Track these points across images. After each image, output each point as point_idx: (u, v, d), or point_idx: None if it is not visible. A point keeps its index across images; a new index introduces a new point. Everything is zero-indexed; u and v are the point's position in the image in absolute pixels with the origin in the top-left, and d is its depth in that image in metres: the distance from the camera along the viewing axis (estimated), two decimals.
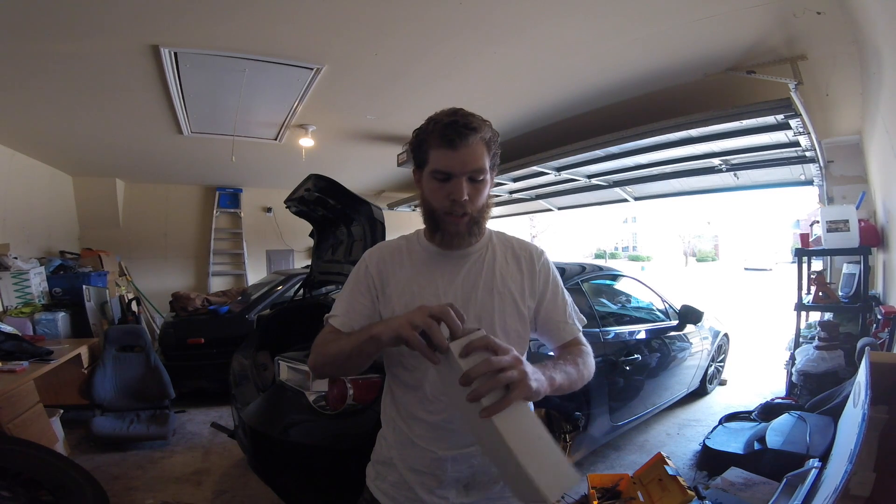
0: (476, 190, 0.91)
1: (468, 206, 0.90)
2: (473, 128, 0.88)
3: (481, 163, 0.89)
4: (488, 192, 0.95)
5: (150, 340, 3.53)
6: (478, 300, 0.95)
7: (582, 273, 2.99)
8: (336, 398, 1.86)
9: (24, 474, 1.91)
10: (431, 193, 0.92)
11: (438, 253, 0.99)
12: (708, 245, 35.61)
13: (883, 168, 2.82)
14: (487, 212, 0.97)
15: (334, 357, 0.90)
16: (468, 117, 0.89)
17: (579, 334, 1.02)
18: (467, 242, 0.96)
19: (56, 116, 3.46)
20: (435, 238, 0.97)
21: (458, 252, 0.98)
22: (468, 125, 0.87)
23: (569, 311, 1.02)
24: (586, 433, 2.51)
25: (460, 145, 0.86)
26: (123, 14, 2.17)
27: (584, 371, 0.93)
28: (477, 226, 0.95)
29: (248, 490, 2.49)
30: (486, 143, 0.90)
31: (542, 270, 1.02)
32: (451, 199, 0.89)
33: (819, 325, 3.27)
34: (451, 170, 0.88)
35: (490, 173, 0.94)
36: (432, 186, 0.91)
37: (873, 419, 1.56)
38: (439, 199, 0.91)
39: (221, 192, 6.48)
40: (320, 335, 0.95)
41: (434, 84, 3.15)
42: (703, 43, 2.60)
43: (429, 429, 0.95)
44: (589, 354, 0.98)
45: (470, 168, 0.88)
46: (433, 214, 0.94)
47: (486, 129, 0.90)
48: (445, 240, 0.95)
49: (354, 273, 1.01)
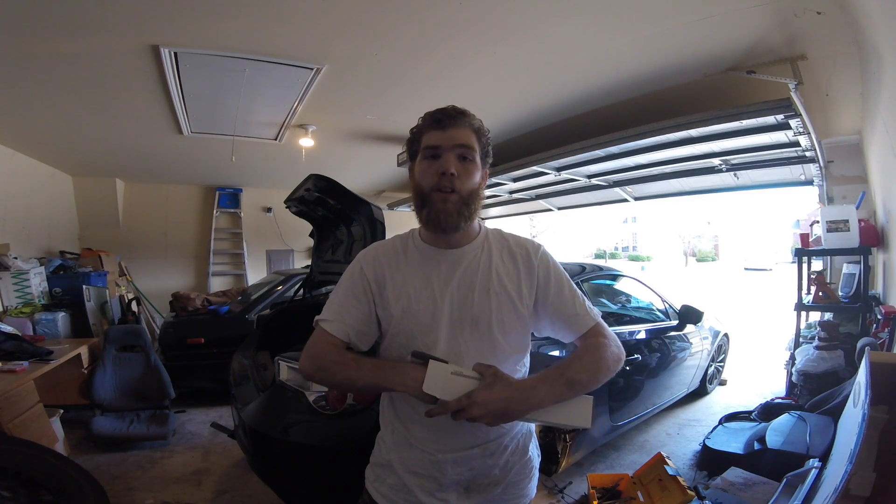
0: (465, 169, 0.93)
1: (456, 182, 0.91)
2: (462, 112, 0.95)
3: (470, 141, 0.94)
4: (479, 180, 0.96)
5: (150, 340, 3.53)
6: (475, 301, 0.95)
7: (582, 273, 2.99)
8: (336, 398, 1.86)
9: (24, 474, 1.90)
10: (421, 175, 0.95)
11: (433, 253, 0.98)
12: (708, 245, 35.61)
13: (883, 168, 2.82)
14: (478, 200, 0.96)
15: (340, 383, 0.95)
16: (458, 107, 0.96)
17: (596, 325, 0.98)
18: (454, 225, 0.92)
19: (56, 116, 3.46)
20: (422, 217, 0.95)
21: (454, 251, 0.97)
22: (457, 110, 0.95)
23: (579, 302, 0.99)
24: (586, 433, 2.51)
25: (448, 125, 0.93)
26: (123, 14, 2.17)
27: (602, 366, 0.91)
28: (466, 208, 0.93)
29: (248, 490, 2.49)
30: (476, 131, 0.95)
31: (541, 265, 1.00)
32: (440, 174, 0.91)
33: (819, 325, 3.27)
34: (440, 144, 0.93)
35: (482, 162, 0.97)
36: (422, 167, 0.95)
37: (873, 419, 1.56)
38: (429, 176, 0.93)
39: (221, 192, 6.48)
40: (317, 342, 0.94)
41: (434, 84, 3.15)
42: (703, 43, 2.60)
43: (427, 431, 0.94)
44: (607, 347, 0.94)
45: (457, 142, 0.92)
46: (422, 193, 0.94)
47: (475, 119, 0.97)
48: (437, 218, 0.92)
49: (348, 275, 1.00)
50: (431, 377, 0.84)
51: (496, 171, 4.78)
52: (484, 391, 0.83)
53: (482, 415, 0.82)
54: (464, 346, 0.93)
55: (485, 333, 0.94)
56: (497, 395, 0.83)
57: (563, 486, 2.52)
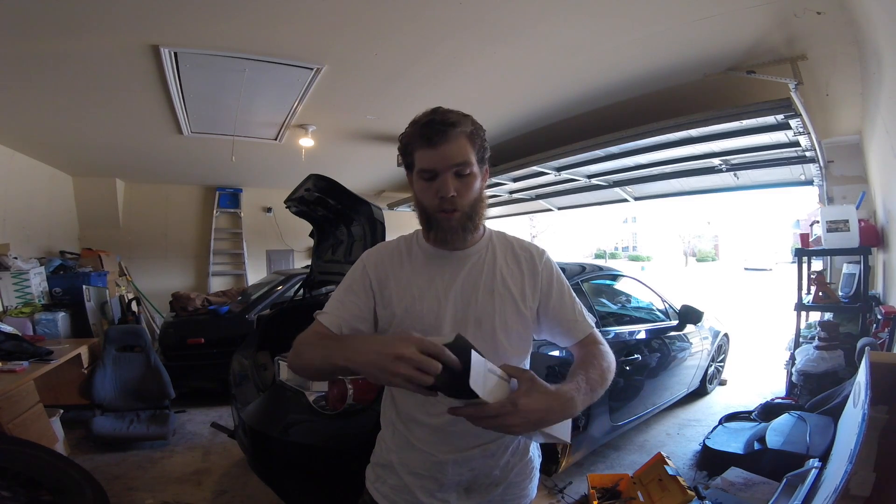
0: (464, 185, 0.91)
1: (457, 202, 0.90)
2: (451, 123, 0.89)
3: (464, 156, 0.90)
4: (480, 186, 0.94)
5: (150, 340, 3.53)
6: (478, 302, 0.94)
7: (582, 273, 2.99)
8: (336, 398, 1.85)
9: (24, 474, 1.91)
10: (421, 193, 0.93)
11: (437, 254, 0.98)
12: (708, 245, 35.62)
13: (883, 168, 2.82)
14: (482, 207, 0.95)
15: (305, 366, 0.88)
16: (446, 114, 0.90)
17: (593, 331, 0.99)
18: (462, 239, 0.95)
19: (56, 116, 3.46)
20: (430, 237, 0.96)
21: (458, 253, 0.97)
22: (445, 121, 0.88)
23: (578, 309, 1.00)
24: (586, 433, 2.51)
25: (440, 142, 0.88)
26: (123, 14, 2.17)
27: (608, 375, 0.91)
28: (470, 221, 0.93)
29: (248, 490, 2.49)
30: (469, 137, 0.91)
31: (545, 270, 1.00)
32: (440, 196, 0.89)
33: (819, 325, 3.27)
34: (435, 167, 0.89)
35: (479, 167, 0.94)
36: (420, 186, 0.93)
37: (873, 419, 1.56)
38: (429, 197, 0.92)
39: (221, 192, 6.48)
40: (305, 332, 0.92)
41: (434, 84, 3.15)
42: (703, 43, 2.60)
43: (429, 432, 0.94)
44: (608, 354, 0.95)
45: (452, 162, 0.89)
46: (426, 214, 0.94)
47: (466, 122, 0.91)
48: (440, 238, 0.94)
49: (351, 273, 1.00)
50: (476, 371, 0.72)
51: (496, 171, 4.78)
52: (526, 398, 0.74)
53: (519, 424, 0.73)
54: None
55: (488, 334, 0.93)
56: (539, 404, 0.75)
57: (563, 486, 2.52)
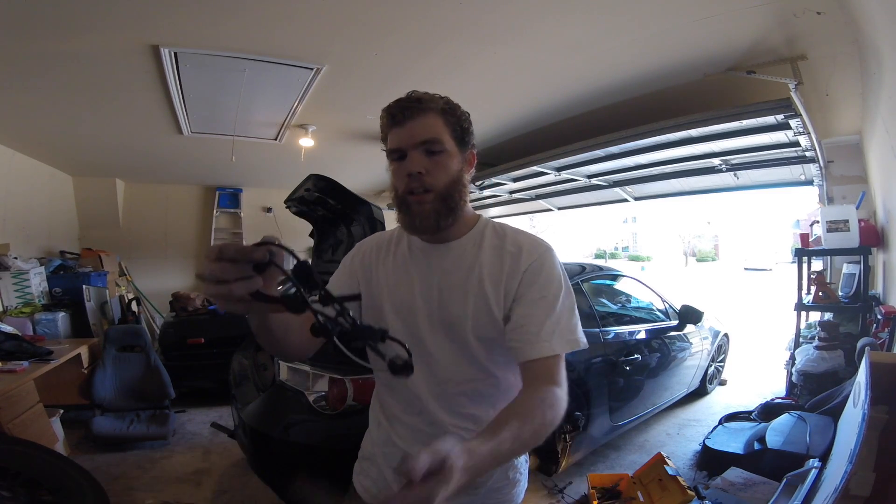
0: (435, 164, 0.85)
1: (426, 180, 0.84)
2: (418, 99, 0.86)
3: (433, 133, 0.85)
4: (458, 168, 0.88)
5: (150, 340, 3.53)
6: (452, 303, 0.88)
7: (582, 273, 2.99)
8: (336, 398, 1.86)
9: (24, 474, 1.91)
10: (393, 176, 0.88)
11: (420, 246, 0.93)
12: (708, 245, 35.59)
13: (883, 168, 2.82)
14: (460, 192, 0.88)
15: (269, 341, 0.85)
16: (413, 93, 0.88)
17: (553, 360, 0.78)
18: (435, 227, 0.86)
19: (56, 116, 3.46)
20: (403, 223, 0.89)
21: (441, 246, 0.92)
22: (411, 99, 0.86)
23: (548, 325, 0.81)
24: (586, 433, 2.51)
25: (406, 120, 0.85)
26: (123, 14, 2.17)
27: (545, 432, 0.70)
28: (445, 206, 0.85)
29: (248, 490, 2.49)
30: (441, 113, 0.86)
31: (531, 270, 0.85)
32: (407, 174, 0.84)
33: (819, 325, 3.27)
34: (401, 145, 0.85)
35: (459, 148, 0.88)
36: (392, 169, 0.88)
37: (873, 419, 1.56)
38: (399, 178, 0.87)
39: (221, 192, 6.47)
40: None
41: (434, 84, 3.10)
42: (703, 43, 2.60)
43: (407, 430, 0.95)
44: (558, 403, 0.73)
45: (419, 139, 0.84)
46: (398, 197, 0.88)
47: (437, 101, 0.87)
48: (411, 223, 0.87)
49: (344, 259, 1.02)
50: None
51: (496, 171, 4.78)
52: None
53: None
54: (438, 350, 0.89)
55: (460, 340, 0.88)
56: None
57: (563, 486, 2.52)
